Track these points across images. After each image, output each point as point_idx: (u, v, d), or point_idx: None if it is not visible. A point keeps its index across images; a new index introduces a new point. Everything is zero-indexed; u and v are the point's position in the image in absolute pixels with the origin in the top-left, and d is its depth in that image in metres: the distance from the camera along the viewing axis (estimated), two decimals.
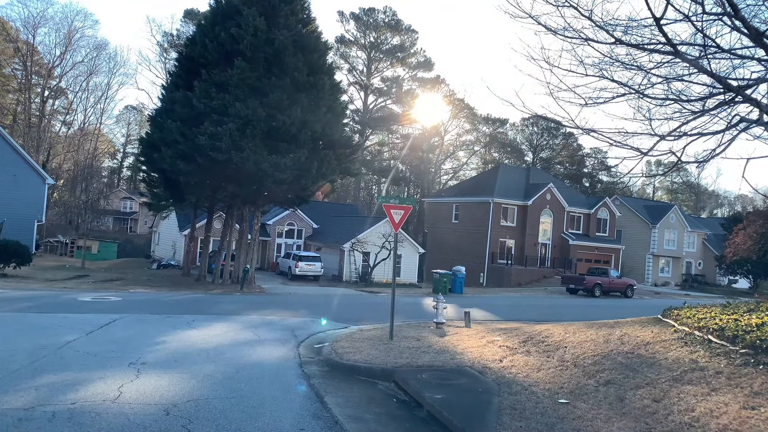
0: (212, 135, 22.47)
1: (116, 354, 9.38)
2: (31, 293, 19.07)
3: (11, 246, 25.23)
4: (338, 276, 38.27)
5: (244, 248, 27.21)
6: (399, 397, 8.19)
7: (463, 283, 29.66)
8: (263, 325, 14.44)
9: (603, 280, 32.36)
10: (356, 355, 10.30)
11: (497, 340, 12.10)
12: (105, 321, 13.09)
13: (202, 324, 13.87)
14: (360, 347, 11.24)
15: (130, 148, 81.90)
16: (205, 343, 11.22)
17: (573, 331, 11.64)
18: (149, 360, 9.08)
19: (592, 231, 51.51)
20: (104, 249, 48.80)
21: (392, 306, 12.56)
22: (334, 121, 25.21)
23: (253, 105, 22.78)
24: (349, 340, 12.20)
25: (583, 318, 20.28)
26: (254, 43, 23.13)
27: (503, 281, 44.26)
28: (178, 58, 26.20)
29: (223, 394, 7.29)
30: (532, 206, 47.55)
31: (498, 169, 53.21)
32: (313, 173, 24.00)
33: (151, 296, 20.69)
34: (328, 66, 26.41)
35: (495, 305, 23.50)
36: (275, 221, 43.27)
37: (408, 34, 61.63)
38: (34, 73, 63.64)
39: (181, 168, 23.40)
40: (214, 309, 17.71)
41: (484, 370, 9.33)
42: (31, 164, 38.51)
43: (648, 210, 58.30)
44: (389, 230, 38.45)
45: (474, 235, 47.67)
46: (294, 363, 9.81)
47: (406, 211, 12.69)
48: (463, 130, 78.49)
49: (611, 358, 9.08)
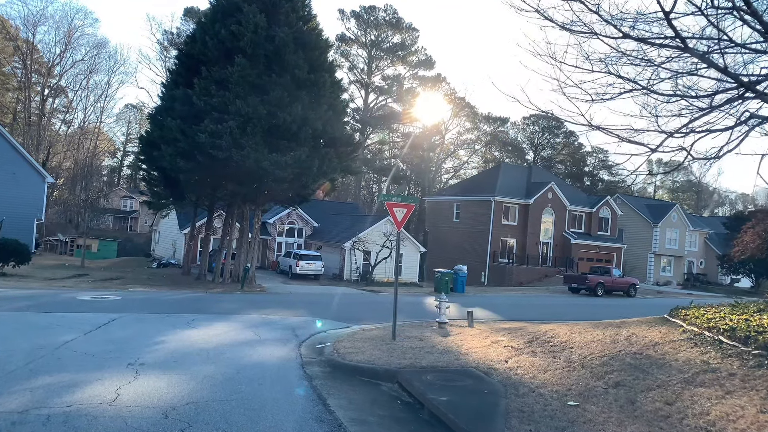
0: (212, 133, 22.28)
1: (114, 354, 9.21)
2: (30, 292, 18.91)
3: (10, 245, 25.07)
4: (339, 275, 38.10)
5: (245, 247, 27.03)
6: (403, 399, 8.01)
7: (465, 282, 29.47)
8: (264, 324, 14.26)
9: (605, 279, 32.17)
10: (359, 356, 10.13)
11: (502, 341, 11.92)
12: (104, 320, 12.92)
13: (202, 323, 13.70)
14: (362, 347, 11.06)
15: (130, 147, 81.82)
16: (205, 343, 11.04)
17: (579, 331, 11.46)
18: (148, 360, 8.90)
19: (594, 230, 51.34)
20: (104, 248, 48.66)
21: (395, 306, 12.39)
22: (335, 119, 25.02)
23: (253, 102, 22.59)
24: (351, 340, 12.03)
25: (586, 317, 20.13)
26: (255, 40, 22.94)
27: (505, 280, 44.10)
28: (178, 56, 26.02)
29: (223, 396, 7.11)
30: (533, 205, 47.38)
31: (499, 168, 53.02)
32: (314, 171, 23.81)
33: (150, 295, 20.52)
34: (329, 63, 26.21)
35: (497, 304, 23.31)
36: (276, 220, 43.10)
37: (409, 32, 61.44)
38: (33, 71, 63.48)
39: (181, 166, 23.22)
40: (215, 308, 17.54)
41: (489, 371, 9.15)
42: (30, 162, 38.35)
43: (650, 209, 58.11)
44: (390, 229, 38.26)
45: (475, 234, 47.50)
46: (296, 363, 9.63)
47: (408, 209, 12.51)
48: (464, 128, 78.32)
49: (619, 358, 8.90)
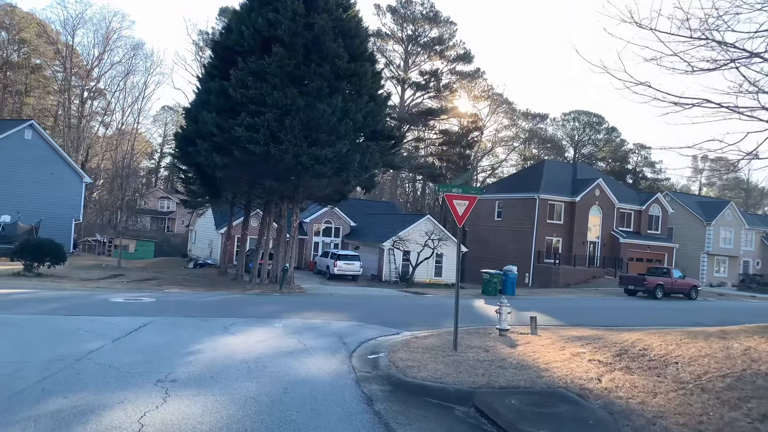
0: (249, 126, 21.17)
1: (143, 368, 7.99)
2: (62, 293, 18.09)
3: (45, 244, 24.46)
4: (377, 276, 36.78)
5: (283, 246, 25.91)
6: (486, 429, 6.54)
7: (514, 283, 27.68)
8: (307, 330, 12.96)
9: (665, 281, 29.90)
10: (421, 371, 8.68)
11: (582, 353, 10.30)
12: (135, 325, 11.82)
13: (241, 329, 12.48)
14: (422, 360, 9.62)
15: (167, 149, 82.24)
16: (245, 352, 9.78)
17: (674, 342, 9.77)
18: (180, 376, 7.65)
19: (644, 228, 48.75)
20: (142, 248, 48.49)
21: (456, 311, 10.90)
22: (377, 111, 23.61)
23: (291, 94, 21.40)
24: (407, 350, 10.60)
25: (657, 323, 18.22)
26: (293, 28, 21.74)
27: (550, 281, 42.04)
28: (213, 47, 25.01)
29: (270, 425, 5.78)
30: (580, 202, 45.15)
31: (543, 165, 50.85)
32: (354, 166, 22.46)
33: (186, 297, 19.51)
34: (370, 53, 24.84)
35: (554, 308, 21.57)
36: (312, 219, 42.05)
37: (446, 26, 59.70)
38: (73, 74, 64.14)
39: (217, 162, 22.19)
40: (253, 311, 16.36)
41: (583, 393, 7.59)
42: (68, 162, 38.26)
43: (701, 206, 55.06)
44: (432, 227, 36.74)
45: (518, 233, 45.53)
46: (350, 380, 8.25)
47: (471, 201, 10.99)
48: (502, 125, 76.13)
49: (748, 380, 7.23)
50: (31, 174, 34.97)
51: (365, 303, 20.90)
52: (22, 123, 35.97)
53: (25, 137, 35.20)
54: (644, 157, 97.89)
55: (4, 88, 59.13)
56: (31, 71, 61.50)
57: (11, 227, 32.70)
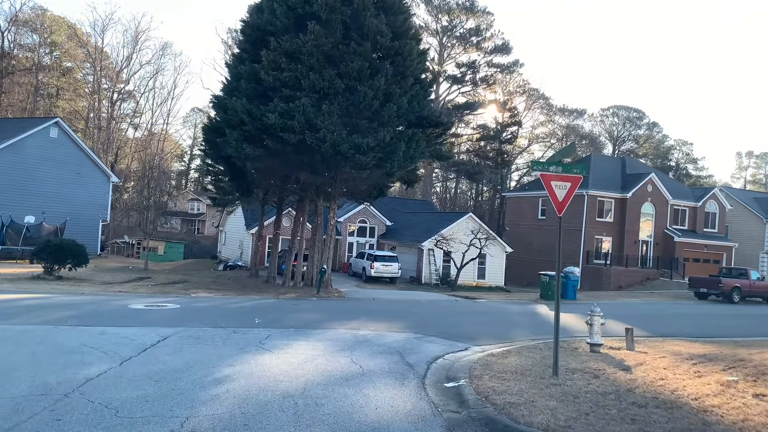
0: (283, 113, 19.04)
1: (150, 407, 5.79)
2: (78, 299, 16.20)
3: (66, 246, 22.74)
4: (416, 278, 34.37)
5: (319, 246, 23.74)
6: None
7: (576, 287, 24.92)
8: (358, 344, 10.66)
9: (742, 283, 26.71)
10: (532, 412, 6.25)
11: (732, 381, 7.74)
12: (152, 340, 9.70)
13: (280, 343, 10.25)
14: (521, 391, 7.21)
15: (196, 150, 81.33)
16: (288, 379, 7.52)
17: None
18: (203, 424, 5.41)
19: (699, 227, 45.30)
20: (171, 250, 47.03)
21: (556, 327, 8.47)
22: (423, 95, 21.27)
23: (329, 75, 19.21)
24: (493, 376, 8.19)
25: (760, 333, 15.46)
26: (330, 3, 19.53)
27: (601, 284, 39.06)
28: (243, 29, 22.91)
29: None
30: (631, 199, 42.03)
31: (589, 160, 47.68)
32: (399, 156, 20.08)
33: (215, 302, 17.44)
34: (414, 30, 22.49)
35: (625, 315, 18.92)
36: (346, 218, 39.86)
37: (483, 16, 56.89)
38: (103, 76, 63.43)
39: (248, 153, 20.10)
40: (291, 319, 14.16)
41: None
42: (95, 161, 36.91)
43: (759, 203, 51.25)
44: (475, 225, 34.17)
45: (565, 233, 42.35)
46: (436, 425, 5.89)
47: (574, 183, 8.56)
48: (538, 122, 72.98)
49: None
50: (57, 173, 33.68)
51: (414, 309, 18.53)
52: (48, 121, 34.65)
53: (51, 135, 33.91)
54: (686, 154, 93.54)
55: (35, 91, 58.60)
56: (62, 74, 60.90)
57: (36, 228, 31.38)
